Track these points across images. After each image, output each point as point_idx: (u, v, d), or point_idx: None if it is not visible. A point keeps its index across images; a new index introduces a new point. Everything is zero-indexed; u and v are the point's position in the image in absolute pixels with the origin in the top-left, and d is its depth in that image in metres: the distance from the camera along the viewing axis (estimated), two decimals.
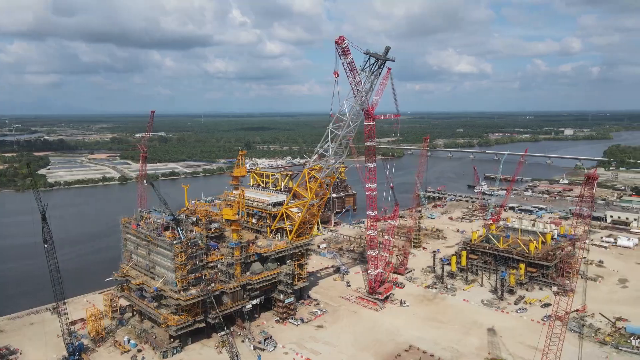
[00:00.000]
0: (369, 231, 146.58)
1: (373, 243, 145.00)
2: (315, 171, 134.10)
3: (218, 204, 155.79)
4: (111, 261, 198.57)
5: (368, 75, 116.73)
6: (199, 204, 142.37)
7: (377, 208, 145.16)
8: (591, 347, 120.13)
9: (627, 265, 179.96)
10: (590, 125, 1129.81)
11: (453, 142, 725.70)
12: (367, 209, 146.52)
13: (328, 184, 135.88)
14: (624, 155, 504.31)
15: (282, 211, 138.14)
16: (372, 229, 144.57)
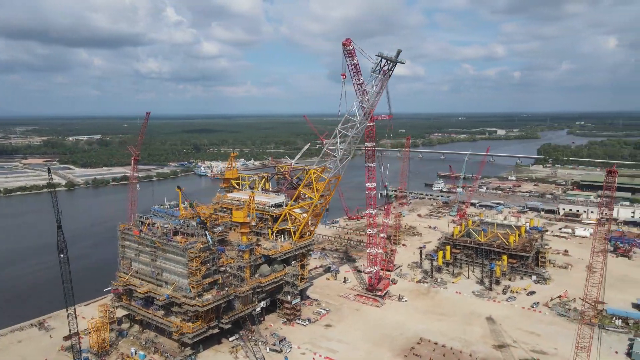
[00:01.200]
0: (369, 229, 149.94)
1: (373, 240, 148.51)
2: (320, 171, 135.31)
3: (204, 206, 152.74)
4: (91, 270, 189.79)
5: (380, 77, 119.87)
6: (202, 207, 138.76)
7: (375, 207, 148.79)
8: (582, 329, 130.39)
9: (589, 254, 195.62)
10: (518, 125, 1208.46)
11: (399, 143, 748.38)
12: (367, 208, 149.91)
13: (334, 184, 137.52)
14: (558, 152, 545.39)
15: (285, 212, 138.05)
16: (372, 227, 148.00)
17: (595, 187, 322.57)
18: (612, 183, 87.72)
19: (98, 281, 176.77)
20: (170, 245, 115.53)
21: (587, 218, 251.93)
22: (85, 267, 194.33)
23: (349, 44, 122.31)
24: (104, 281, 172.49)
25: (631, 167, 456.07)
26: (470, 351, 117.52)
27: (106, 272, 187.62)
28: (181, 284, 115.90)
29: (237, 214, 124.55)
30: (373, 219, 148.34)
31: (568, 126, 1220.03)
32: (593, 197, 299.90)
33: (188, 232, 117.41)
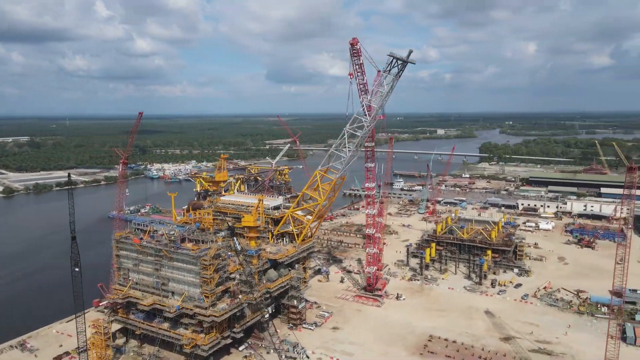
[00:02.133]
0: (368, 229, 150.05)
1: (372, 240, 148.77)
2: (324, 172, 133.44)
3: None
4: (61, 283, 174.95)
5: (393, 77, 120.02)
6: (203, 211, 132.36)
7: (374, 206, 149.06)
8: (572, 317, 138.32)
9: (556, 245, 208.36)
10: (454, 125, 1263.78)
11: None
12: (366, 208, 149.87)
13: (339, 184, 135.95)
14: (500, 150, 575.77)
15: (287, 214, 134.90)
16: (371, 227, 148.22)
17: (544, 182, 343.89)
18: (632, 179, 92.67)
19: (71, 294, 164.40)
20: (180, 253, 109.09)
21: (545, 212, 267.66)
22: (53, 280, 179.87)
23: (355, 44, 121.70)
24: (83, 293, 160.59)
25: (566, 163, 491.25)
26: (481, 345, 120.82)
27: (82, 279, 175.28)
28: (192, 293, 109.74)
29: (247, 218, 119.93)
30: (373, 219, 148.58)
31: (499, 126, 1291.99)
32: (544, 192, 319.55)
33: (198, 239, 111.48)
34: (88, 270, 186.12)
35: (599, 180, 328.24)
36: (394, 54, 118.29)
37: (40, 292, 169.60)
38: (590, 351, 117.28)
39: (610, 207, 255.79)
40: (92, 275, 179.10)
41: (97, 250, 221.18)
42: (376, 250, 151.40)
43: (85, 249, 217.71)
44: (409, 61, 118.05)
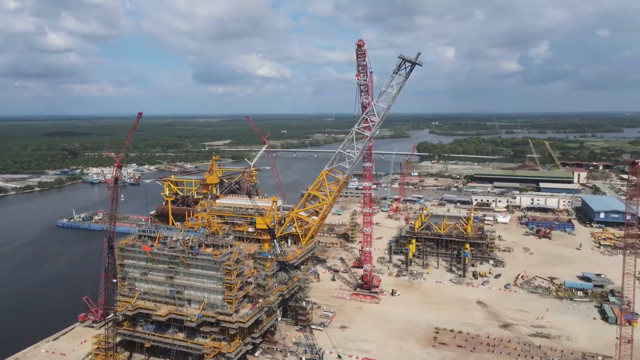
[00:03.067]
0: (365, 228, 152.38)
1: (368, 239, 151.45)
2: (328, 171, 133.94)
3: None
4: (35, 296, 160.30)
5: (402, 79, 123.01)
6: (204, 214, 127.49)
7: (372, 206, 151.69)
8: (554, 302, 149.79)
9: (516, 237, 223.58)
10: (385, 125, 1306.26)
11: (288, 143, 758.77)
12: (364, 207, 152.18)
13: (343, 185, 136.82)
14: (438, 150, 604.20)
15: (292, 216, 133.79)
16: (368, 226, 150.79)
17: (488, 179, 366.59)
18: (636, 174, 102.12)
19: (54, 308, 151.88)
20: (200, 259, 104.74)
21: (497, 206, 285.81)
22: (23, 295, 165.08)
23: (362, 45, 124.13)
24: (62, 309, 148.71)
25: (499, 161, 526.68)
26: (485, 333, 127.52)
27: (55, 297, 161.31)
28: (213, 300, 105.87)
29: (261, 220, 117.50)
30: (369, 217, 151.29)
31: (426, 126, 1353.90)
32: (490, 188, 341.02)
33: (216, 243, 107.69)
34: (63, 284, 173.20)
35: (537, 176, 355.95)
36: (404, 56, 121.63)
37: (12, 310, 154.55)
38: (581, 332, 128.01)
39: (554, 200, 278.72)
40: (69, 288, 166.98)
41: (61, 261, 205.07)
42: (371, 249, 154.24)
43: (46, 261, 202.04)
44: (417, 62, 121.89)
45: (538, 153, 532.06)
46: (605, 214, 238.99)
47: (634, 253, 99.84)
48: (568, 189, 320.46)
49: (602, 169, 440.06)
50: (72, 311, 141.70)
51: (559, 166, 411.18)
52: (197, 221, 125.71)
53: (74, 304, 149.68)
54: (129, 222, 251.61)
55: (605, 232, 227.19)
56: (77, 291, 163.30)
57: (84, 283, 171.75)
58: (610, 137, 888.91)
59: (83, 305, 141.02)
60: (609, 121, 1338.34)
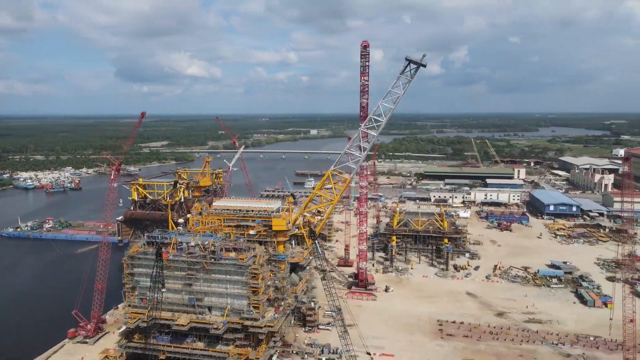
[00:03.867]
0: (361, 227, 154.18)
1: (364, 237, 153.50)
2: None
3: None
4: (19, 313, 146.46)
5: (408, 79, 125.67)
6: (210, 217, 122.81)
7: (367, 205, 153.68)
8: (534, 289, 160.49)
9: (481, 230, 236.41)
10: (320, 125, 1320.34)
11: (230, 144, 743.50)
12: (359, 206, 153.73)
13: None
14: (382, 148, 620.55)
15: (297, 216, 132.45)
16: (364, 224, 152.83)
17: (438, 176, 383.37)
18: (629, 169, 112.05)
19: (36, 326, 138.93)
20: (223, 263, 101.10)
21: (453, 202, 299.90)
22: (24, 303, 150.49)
23: (368, 46, 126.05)
24: (45, 325, 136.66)
25: (440, 159, 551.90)
26: (485, 322, 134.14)
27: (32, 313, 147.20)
28: (237, 305, 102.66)
29: (278, 222, 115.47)
30: (365, 216, 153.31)
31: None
32: (442, 185, 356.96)
33: (238, 247, 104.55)
34: (37, 298, 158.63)
35: (483, 173, 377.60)
36: (410, 58, 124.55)
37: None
38: (567, 316, 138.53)
39: (505, 195, 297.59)
40: (46, 303, 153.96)
41: (23, 275, 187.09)
42: (366, 247, 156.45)
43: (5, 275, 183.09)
44: (422, 64, 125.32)
45: (476, 151, 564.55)
46: (554, 207, 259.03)
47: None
48: (513, 185, 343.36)
49: (533, 166, 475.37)
50: (57, 327, 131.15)
51: (500, 163, 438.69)
52: (205, 225, 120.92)
53: (57, 319, 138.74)
54: (87, 230, 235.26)
55: (556, 224, 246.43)
56: (55, 305, 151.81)
57: (61, 296, 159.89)
58: (530, 136, 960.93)
59: (68, 319, 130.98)
60: (523, 121, 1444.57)
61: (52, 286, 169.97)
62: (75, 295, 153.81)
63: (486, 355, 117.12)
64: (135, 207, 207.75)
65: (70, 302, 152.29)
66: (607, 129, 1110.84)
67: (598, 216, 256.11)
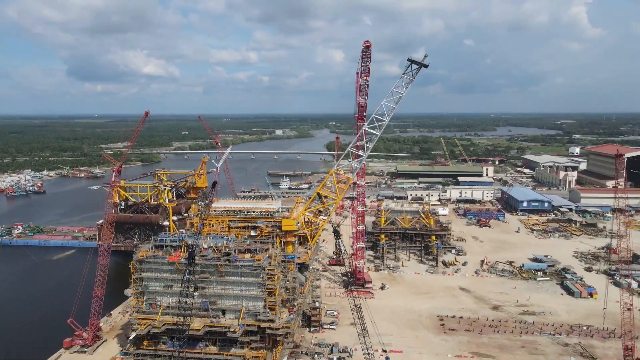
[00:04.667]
0: (359, 226, 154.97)
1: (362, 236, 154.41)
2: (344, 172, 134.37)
3: None
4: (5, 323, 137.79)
5: (410, 79, 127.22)
6: (214, 218, 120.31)
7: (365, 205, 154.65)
8: (522, 283, 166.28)
9: (461, 227, 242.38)
10: (284, 126, 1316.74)
11: (196, 144, 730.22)
12: (357, 205, 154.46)
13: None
14: None
15: (299, 216, 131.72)
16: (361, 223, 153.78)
17: (411, 175, 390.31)
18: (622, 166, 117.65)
19: (26, 336, 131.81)
20: (239, 265, 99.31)
21: (429, 200, 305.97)
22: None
23: (370, 46, 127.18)
24: (36, 335, 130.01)
25: (410, 158, 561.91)
26: (483, 316, 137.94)
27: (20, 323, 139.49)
28: (252, 308, 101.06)
29: (288, 222, 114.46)
30: (362, 215, 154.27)
31: (325, 126, 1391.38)
32: (416, 183, 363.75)
33: (252, 248, 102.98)
34: (22, 308, 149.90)
35: (455, 171, 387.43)
36: (412, 58, 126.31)
37: None
38: (558, 307, 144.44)
39: (479, 192, 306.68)
40: (33, 311, 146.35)
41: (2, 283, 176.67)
42: (363, 245, 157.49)
43: None
44: (423, 64, 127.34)
45: (441, 150, 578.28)
46: (527, 203, 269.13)
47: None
48: (483, 182, 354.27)
49: (498, 164, 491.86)
50: (49, 337, 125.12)
51: (467, 162, 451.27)
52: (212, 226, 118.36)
53: (48, 328, 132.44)
54: (61, 235, 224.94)
55: (530, 219, 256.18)
56: (43, 314, 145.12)
57: (47, 304, 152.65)
58: (489, 135, 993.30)
59: (60, 329, 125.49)
60: (480, 121, 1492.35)
61: (36, 295, 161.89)
62: (60, 303, 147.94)
63: (490, 348, 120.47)
64: (117, 210, 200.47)
65: (57, 310, 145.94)
66: (559, 128, 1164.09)
67: (568, 211, 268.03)
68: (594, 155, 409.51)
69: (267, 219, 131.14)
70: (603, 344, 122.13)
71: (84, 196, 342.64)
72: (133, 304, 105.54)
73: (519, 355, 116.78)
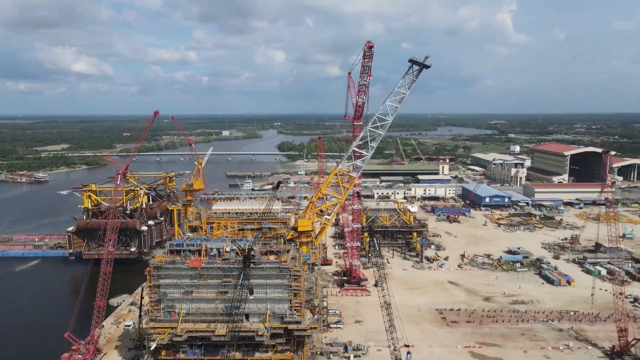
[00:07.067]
0: (354, 224, 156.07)
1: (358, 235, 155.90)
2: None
3: None
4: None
5: (412, 79, 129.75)
6: (228, 221, 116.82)
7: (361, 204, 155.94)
8: (503, 274, 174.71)
9: (433, 223, 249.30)
10: (229, 126, 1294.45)
11: (143, 146, 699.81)
12: (352, 204, 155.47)
13: None
14: (304, 149, 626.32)
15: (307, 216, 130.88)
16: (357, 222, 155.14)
17: (372, 174, 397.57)
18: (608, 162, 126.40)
19: (20, 354, 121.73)
20: (264, 267, 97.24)
21: (395, 198, 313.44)
22: None
23: (373, 46, 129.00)
24: (32, 351, 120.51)
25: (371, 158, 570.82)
26: (479, 307, 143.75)
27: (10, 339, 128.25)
28: (277, 310, 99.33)
29: (303, 222, 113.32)
30: (358, 213, 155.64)
31: (271, 126, 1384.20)
32: (379, 181, 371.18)
33: (278, 250, 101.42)
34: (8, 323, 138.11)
35: (413, 170, 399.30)
36: (414, 59, 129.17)
37: None
38: (542, 295, 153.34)
39: (442, 190, 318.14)
40: (22, 326, 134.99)
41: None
42: (358, 244, 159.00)
43: None
44: (425, 65, 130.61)
45: (393, 149, 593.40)
46: (489, 199, 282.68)
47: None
48: (441, 180, 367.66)
49: (449, 162, 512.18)
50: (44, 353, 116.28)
51: (424, 160, 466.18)
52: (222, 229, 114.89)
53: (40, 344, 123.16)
54: (20, 245, 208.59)
55: (493, 214, 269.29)
56: (34, 328, 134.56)
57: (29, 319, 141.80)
58: (432, 135, 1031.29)
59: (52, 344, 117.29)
60: (421, 121, 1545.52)
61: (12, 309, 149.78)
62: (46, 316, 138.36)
63: (493, 337, 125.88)
64: (88, 216, 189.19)
65: (43, 324, 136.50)
66: (494, 128, 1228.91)
67: (525, 205, 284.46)
68: (539, 152, 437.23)
69: (272, 220, 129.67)
70: (592, 328, 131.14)
71: (33, 202, 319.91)
72: (148, 314, 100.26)
73: (521, 343, 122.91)
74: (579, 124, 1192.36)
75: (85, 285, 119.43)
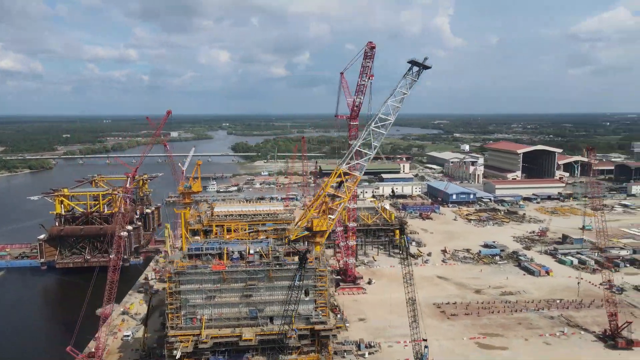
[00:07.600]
0: (350, 223, 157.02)
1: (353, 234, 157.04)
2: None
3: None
4: None
5: (413, 79, 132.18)
6: (237, 223, 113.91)
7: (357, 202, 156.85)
8: (485, 267, 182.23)
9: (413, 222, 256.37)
10: (177, 127, 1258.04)
11: (88, 148, 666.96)
12: (350, 203, 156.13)
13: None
14: (262, 149, 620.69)
15: (309, 216, 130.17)
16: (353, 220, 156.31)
17: None
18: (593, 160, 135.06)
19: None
20: (290, 269, 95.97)
21: (364, 197, 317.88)
22: None
23: (374, 47, 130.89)
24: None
25: (323, 157, 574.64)
26: (474, 300, 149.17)
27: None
28: (302, 311, 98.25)
29: (318, 222, 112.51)
30: (354, 212, 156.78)
31: (220, 127, 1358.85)
32: None
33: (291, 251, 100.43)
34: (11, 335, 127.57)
35: (377, 169, 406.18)
36: (414, 60, 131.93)
37: None
38: (527, 286, 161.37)
39: (408, 188, 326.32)
40: (17, 342, 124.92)
41: None
42: (354, 242, 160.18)
43: None
44: (425, 65, 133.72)
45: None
46: (456, 195, 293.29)
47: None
48: (404, 178, 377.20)
49: (405, 161, 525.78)
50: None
51: (384, 159, 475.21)
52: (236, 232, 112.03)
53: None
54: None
55: (461, 210, 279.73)
56: (30, 343, 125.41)
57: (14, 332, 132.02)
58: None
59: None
60: (367, 121, 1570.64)
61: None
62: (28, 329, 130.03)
63: (494, 328, 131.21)
64: (61, 222, 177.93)
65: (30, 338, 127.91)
66: (439, 128, 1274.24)
67: (489, 201, 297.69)
68: (492, 151, 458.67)
69: (276, 221, 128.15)
70: (579, 314, 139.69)
71: None
72: (170, 321, 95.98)
73: (520, 332, 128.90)
74: (515, 123, 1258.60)
75: (89, 296, 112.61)
